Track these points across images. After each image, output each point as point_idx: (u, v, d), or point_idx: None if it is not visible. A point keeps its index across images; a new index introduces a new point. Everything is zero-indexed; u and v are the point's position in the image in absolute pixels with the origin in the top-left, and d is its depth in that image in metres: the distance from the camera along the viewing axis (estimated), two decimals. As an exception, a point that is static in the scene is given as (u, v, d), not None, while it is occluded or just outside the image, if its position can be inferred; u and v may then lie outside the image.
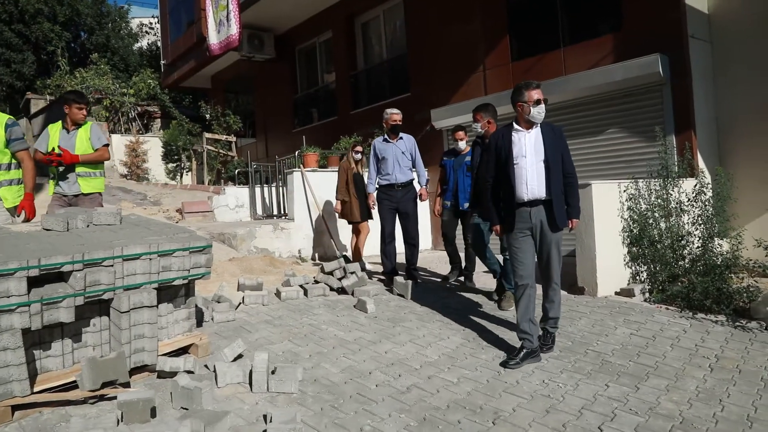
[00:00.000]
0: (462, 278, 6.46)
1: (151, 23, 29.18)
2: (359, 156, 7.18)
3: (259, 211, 10.07)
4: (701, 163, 7.30)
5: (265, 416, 3.00)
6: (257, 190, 10.19)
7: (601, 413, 3.22)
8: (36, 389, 3.01)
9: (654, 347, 4.31)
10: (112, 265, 3.14)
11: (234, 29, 12.81)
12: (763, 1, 7.35)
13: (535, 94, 3.93)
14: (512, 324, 4.82)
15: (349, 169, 7.06)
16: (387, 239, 6.25)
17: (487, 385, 3.60)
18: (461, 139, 6.35)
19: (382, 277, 6.43)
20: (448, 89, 10.17)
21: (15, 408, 2.91)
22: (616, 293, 5.85)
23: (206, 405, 3.07)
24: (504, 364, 3.88)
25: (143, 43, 29.35)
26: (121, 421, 2.83)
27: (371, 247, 7.57)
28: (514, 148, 4.00)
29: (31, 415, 2.99)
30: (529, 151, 3.97)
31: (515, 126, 4.06)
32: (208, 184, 14.00)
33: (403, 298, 5.56)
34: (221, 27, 13.33)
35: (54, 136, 4.92)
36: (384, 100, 11.58)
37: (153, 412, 2.95)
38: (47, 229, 3.58)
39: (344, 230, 8.55)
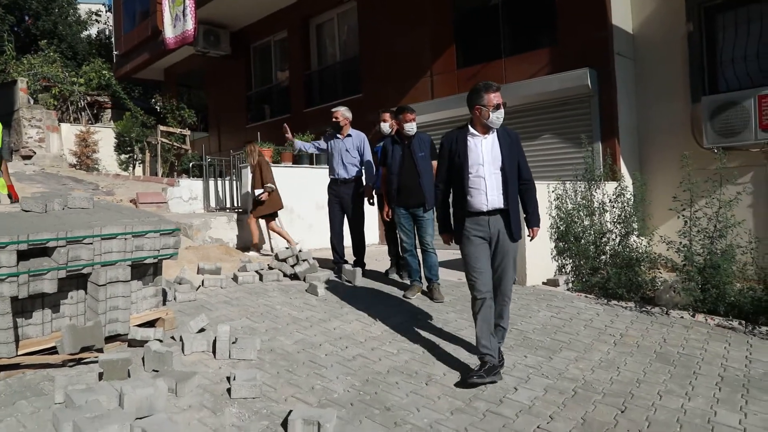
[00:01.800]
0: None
1: (99, 11, 28.65)
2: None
3: (213, 203, 10.34)
4: (623, 168, 8.09)
5: (228, 377, 3.44)
6: (211, 183, 10.45)
7: (518, 377, 3.81)
8: (19, 353, 3.36)
9: (570, 327, 4.96)
10: (91, 243, 3.51)
11: (190, 25, 12.99)
12: (678, 25, 8.19)
13: (495, 98, 3.66)
14: (444, 306, 5.40)
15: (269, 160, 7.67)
16: (334, 230, 6.60)
17: (423, 355, 4.14)
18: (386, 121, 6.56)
19: (333, 266, 6.86)
20: (397, 92, 10.72)
21: (1, 368, 3.26)
22: (543, 283, 6.52)
23: (175, 368, 3.49)
24: (463, 382, 3.63)
25: (92, 31, 28.76)
26: (102, 378, 3.22)
27: (323, 240, 8.04)
28: (471, 155, 3.74)
29: (16, 375, 3.34)
30: (486, 158, 3.72)
31: (471, 130, 3.79)
32: (162, 176, 14.12)
33: (351, 284, 6.05)
34: (177, 21, 13.48)
35: None
36: (336, 99, 12.03)
37: (128, 373, 3.34)
38: (26, 210, 3.90)
39: (297, 223, 8.99)
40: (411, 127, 5.64)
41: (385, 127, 6.49)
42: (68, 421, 2.70)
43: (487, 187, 3.71)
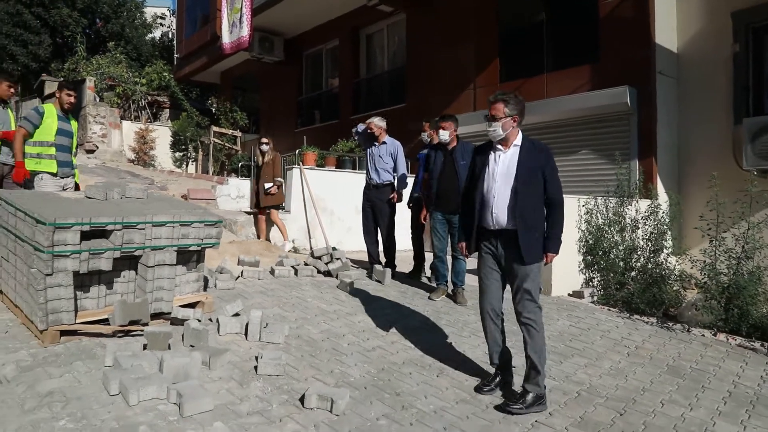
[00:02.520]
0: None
1: (163, 14, 30.05)
2: (266, 147, 8.43)
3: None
4: (660, 186, 8.14)
5: (256, 357, 3.79)
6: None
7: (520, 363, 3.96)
8: (77, 321, 3.80)
9: (586, 336, 5.12)
10: (143, 229, 3.93)
11: (246, 31, 13.63)
12: (724, 45, 8.21)
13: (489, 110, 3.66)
14: (466, 310, 5.64)
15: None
16: (367, 233, 6.92)
17: (439, 351, 4.40)
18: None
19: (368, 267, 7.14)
20: (441, 103, 11.00)
21: (62, 333, 3.70)
22: (569, 294, 6.67)
23: (210, 345, 3.86)
24: (478, 389, 3.73)
25: (156, 34, 30.19)
26: (146, 348, 3.62)
27: (361, 243, 8.38)
28: (487, 169, 3.68)
29: (74, 340, 3.78)
30: (500, 173, 3.61)
31: (495, 143, 3.70)
32: (212, 174, 14.79)
33: (380, 284, 6.35)
34: (234, 28, 14.14)
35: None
36: (382, 107, 12.41)
37: (168, 346, 3.73)
38: (89, 197, 4.37)
39: (337, 225, 9.36)
40: (443, 135, 5.89)
41: (425, 136, 6.89)
42: (116, 380, 3.10)
43: (494, 204, 3.59)
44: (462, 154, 5.89)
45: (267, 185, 8.22)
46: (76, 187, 5.77)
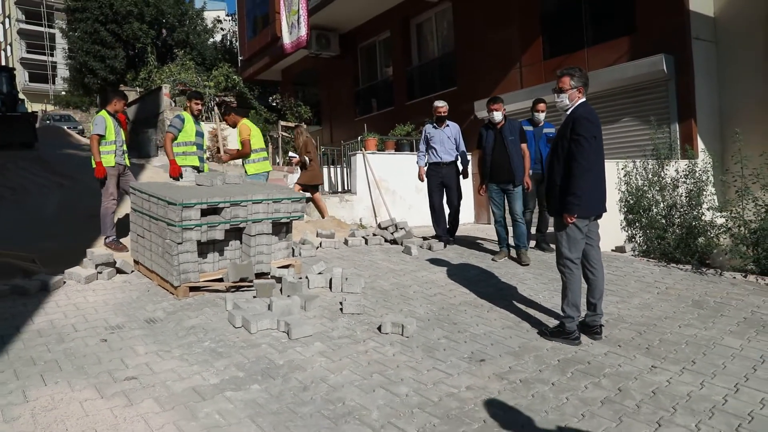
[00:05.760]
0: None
1: (220, 17, 31.77)
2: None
3: (326, 187, 11.90)
4: (701, 147, 8.59)
5: (340, 302, 4.76)
6: (325, 169, 12.02)
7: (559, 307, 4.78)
8: (200, 280, 4.89)
9: (621, 281, 5.83)
10: (246, 206, 4.97)
11: (303, 31, 14.69)
12: (763, 6, 8.53)
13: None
14: (527, 270, 6.42)
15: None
16: (436, 208, 7.55)
17: (492, 296, 5.25)
18: (542, 111, 7.13)
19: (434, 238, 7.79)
20: (489, 83, 11.70)
21: (190, 289, 4.80)
22: (612, 250, 7.33)
23: (303, 294, 4.88)
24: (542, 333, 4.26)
25: (217, 38, 31.97)
26: (255, 296, 4.67)
27: (422, 219, 9.25)
28: None
29: (199, 295, 4.88)
30: None
31: None
32: (282, 165, 16.01)
33: (441, 249, 7.23)
34: (293, 29, 15.24)
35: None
36: (434, 92, 13.21)
37: (272, 294, 4.76)
38: (199, 184, 5.47)
39: (399, 204, 10.27)
40: (494, 115, 6.58)
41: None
42: (238, 316, 4.14)
43: None
44: (510, 130, 6.57)
45: (291, 153, 9.20)
46: None
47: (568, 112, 4.11)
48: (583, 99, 4.17)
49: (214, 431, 2.74)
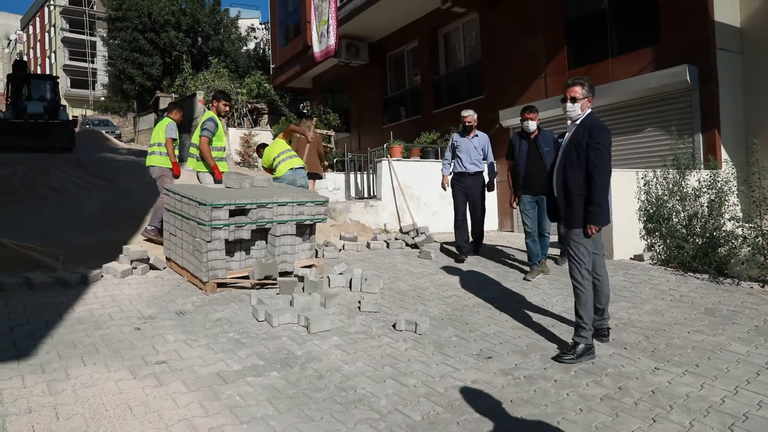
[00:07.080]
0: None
1: (254, 26, 32.51)
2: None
3: (353, 193, 12.19)
4: (725, 157, 8.60)
5: (359, 300, 5.00)
6: (351, 175, 12.32)
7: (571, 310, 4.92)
8: (228, 277, 5.18)
9: (636, 288, 5.94)
10: (272, 207, 5.25)
11: (332, 40, 15.04)
12: (790, 18, 8.51)
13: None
14: (544, 277, 6.56)
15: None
16: (459, 218, 7.27)
17: (505, 298, 5.43)
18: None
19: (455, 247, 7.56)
20: (514, 93, 11.84)
21: (218, 285, 5.10)
22: (630, 258, 7.41)
23: (324, 292, 5.12)
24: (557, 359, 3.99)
25: (250, 46, 32.70)
26: (279, 293, 4.94)
27: (445, 225, 9.42)
28: None
29: (226, 291, 5.17)
30: None
31: None
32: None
33: (460, 255, 7.41)
34: (322, 38, 15.61)
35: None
36: (462, 101, 13.39)
37: (294, 291, 5.02)
38: (228, 187, 5.77)
39: (423, 210, 10.48)
40: (528, 125, 6.48)
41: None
42: (262, 311, 4.41)
43: None
44: (545, 141, 6.51)
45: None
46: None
47: (578, 122, 4.16)
48: (590, 109, 4.26)
49: (235, 410, 2.99)
